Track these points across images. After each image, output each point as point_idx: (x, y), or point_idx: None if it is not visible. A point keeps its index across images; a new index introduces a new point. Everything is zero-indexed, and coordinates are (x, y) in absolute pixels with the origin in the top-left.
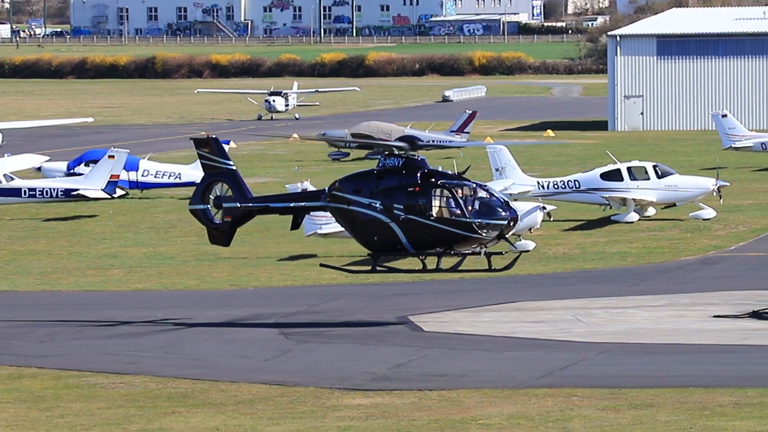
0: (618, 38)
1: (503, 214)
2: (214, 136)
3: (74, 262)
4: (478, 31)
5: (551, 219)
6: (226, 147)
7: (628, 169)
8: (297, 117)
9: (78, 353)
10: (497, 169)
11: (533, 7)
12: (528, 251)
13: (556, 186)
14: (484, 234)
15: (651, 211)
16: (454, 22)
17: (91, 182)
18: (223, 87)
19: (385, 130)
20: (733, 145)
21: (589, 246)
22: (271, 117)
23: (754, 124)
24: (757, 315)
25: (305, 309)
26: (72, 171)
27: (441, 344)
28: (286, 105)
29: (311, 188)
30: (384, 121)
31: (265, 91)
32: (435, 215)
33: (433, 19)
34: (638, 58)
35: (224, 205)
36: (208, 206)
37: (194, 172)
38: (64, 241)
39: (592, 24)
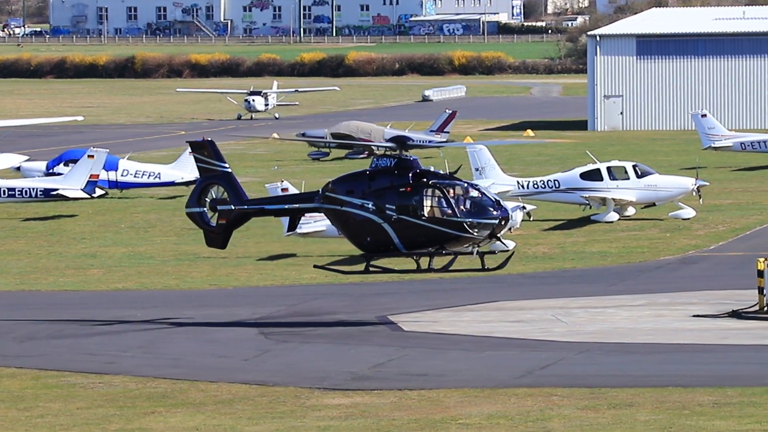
0: (598, 38)
1: (494, 213)
2: (209, 139)
3: (53, 262)
4: (457, 30)
5: (531, 219)
6: None
7: (608, 168)
8: (277, 117)
9: (57, 353)
10: (477, 169)
11: (513, 7)
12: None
13: (535, 186)
14: (475, 233)
15: (631, 211)
16: (433, 22)
17: (71, 182)
18: (203, 87)
19: (365, 130)
20: (713, 145)
21: (569, 246)
22: (251, 117)
23: (733, 124)
24: (736, 314)
25: (285, 309)
26: (51, 171)
27: (421, 344)
28: (266, 105)
29: (291, 188)
30: (364, 120)
31: (245, 91)
32: (427, 215)
33: (413, 18)
34: (618, 58)
35: (219, 207)
36: (204, 209)
37: (174, 172)
38: (44, 240)
39: (571, 24)
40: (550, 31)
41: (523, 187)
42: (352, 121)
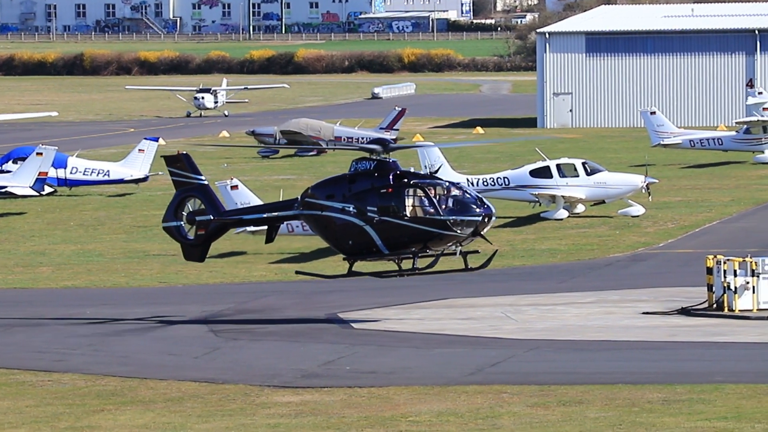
0: (547, 35)
1: (477, 210)
2: (185, 153)
3: (2, 260)
4: (407, 28)
5: None
6: (155, 144)
7: (557, 166)
8: (226, 114)
9: (6, 351)
10: (426, 167)
11: (462, 5)
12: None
13: (485, 183)
14: (458, 231)
15: (580, 208)
16: (383, 20)
17: (20, 179)
18: (152, 84)
19: (314, 127)
20: (662, 142)
21: (519, 243)
22: (200, 114)
23: (682, 121)
24: (685, 312)
25: (234, 306)
26: (0, 168)
27: (371, 341)
28: (215, 102)
29: (241, 185)
30: (313, 118)
31: (194, 88)
32: (409, 215)
33: (363, 16)
34: (567, 56)
35: (197, 218)
36: (182, 223)
37: (123, 170)
38: None
39: (521, 21)
40: (499, 29)
41: (472, 184)
42: (302, 118)
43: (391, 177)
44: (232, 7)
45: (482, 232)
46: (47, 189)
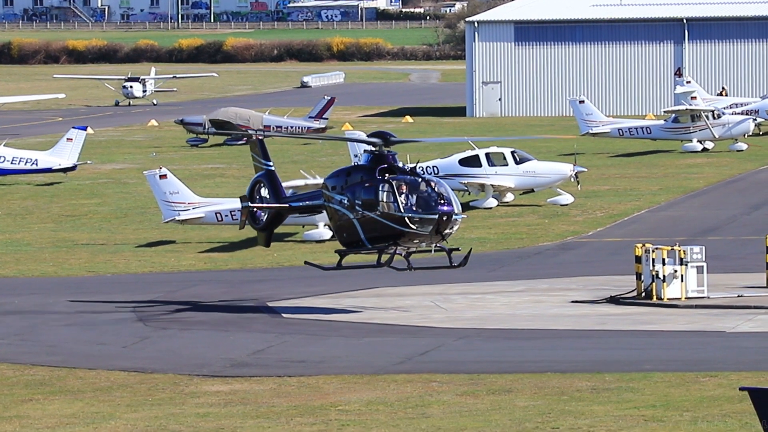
0: (476, 24)
1: (435, 208)
2: (261, 138)
3: None
4: (336, 17)
5: None
6: (83, 133)
7: (487, 155)
8: (155, 103)
9: None
10: (356, 156)
11: None
12: None
13: None
14: (417, 228)
15: (509, 197)
16: (312, 8)
17: None
18: (80, 73)
19: (243, 116)
20: (590, 131)
21: None
22: (129, 103)
23: (610, 110)
24: (614, 300)
25: (164, 295)
26: None
27: (300, 330)
28: (144, 91)
29: (170, 175)
30: (242, 107)
31: (123, 77)
32: (380, 210)
33: (291, 5)
34: (496, 44)
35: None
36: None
37: (51, 159)
38: None
39: (450, 10)
40: (428, 18)
41: None
42: (231, 107)
43: (377, 171)
44: None
45: (444, 231)
46: None
